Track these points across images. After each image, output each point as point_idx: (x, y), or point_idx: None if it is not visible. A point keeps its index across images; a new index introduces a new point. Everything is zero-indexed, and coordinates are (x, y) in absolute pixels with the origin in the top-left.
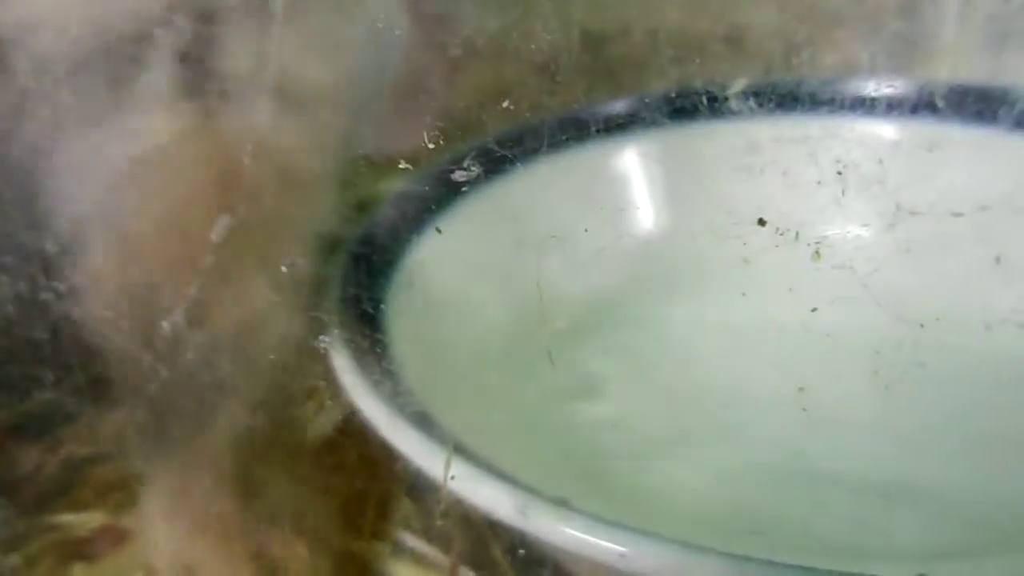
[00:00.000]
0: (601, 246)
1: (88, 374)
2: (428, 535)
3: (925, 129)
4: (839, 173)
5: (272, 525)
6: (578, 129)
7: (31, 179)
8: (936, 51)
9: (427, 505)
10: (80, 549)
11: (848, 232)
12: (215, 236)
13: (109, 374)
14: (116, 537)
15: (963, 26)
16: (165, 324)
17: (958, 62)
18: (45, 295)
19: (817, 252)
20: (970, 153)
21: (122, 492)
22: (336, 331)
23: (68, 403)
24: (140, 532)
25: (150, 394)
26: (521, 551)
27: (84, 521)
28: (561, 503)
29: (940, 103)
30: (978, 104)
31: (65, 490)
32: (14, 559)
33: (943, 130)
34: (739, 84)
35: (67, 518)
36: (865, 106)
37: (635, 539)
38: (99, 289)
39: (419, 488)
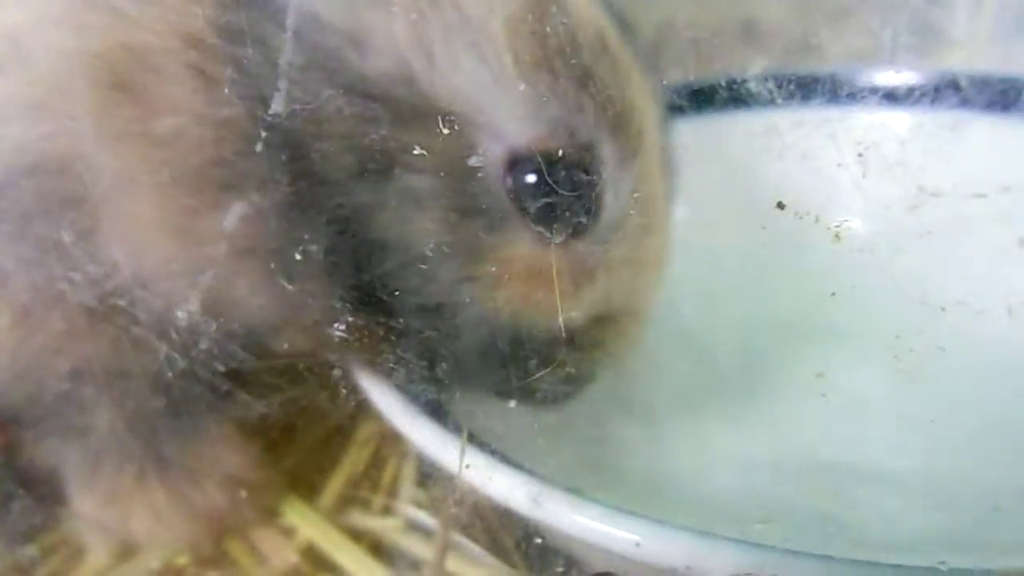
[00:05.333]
0: None
1: None
2: None
3: (947, 112)
4: (860, 156)
5: None
6: None
7: None
8: (949, 40)
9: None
10: None
11: (869, 215)
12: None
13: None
14: None
15: (976, 15)
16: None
17: (971, 52)
18: None
19: (837, 236)
20: (992, 135)
21: None
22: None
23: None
24: None
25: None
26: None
27: None
28: (575, 492)
29: (963, 84)
30: (1001, 87)
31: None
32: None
33: (965, 113)
34: (757, 68)
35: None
36: (887, 91)
37: (650, 528)
38: None
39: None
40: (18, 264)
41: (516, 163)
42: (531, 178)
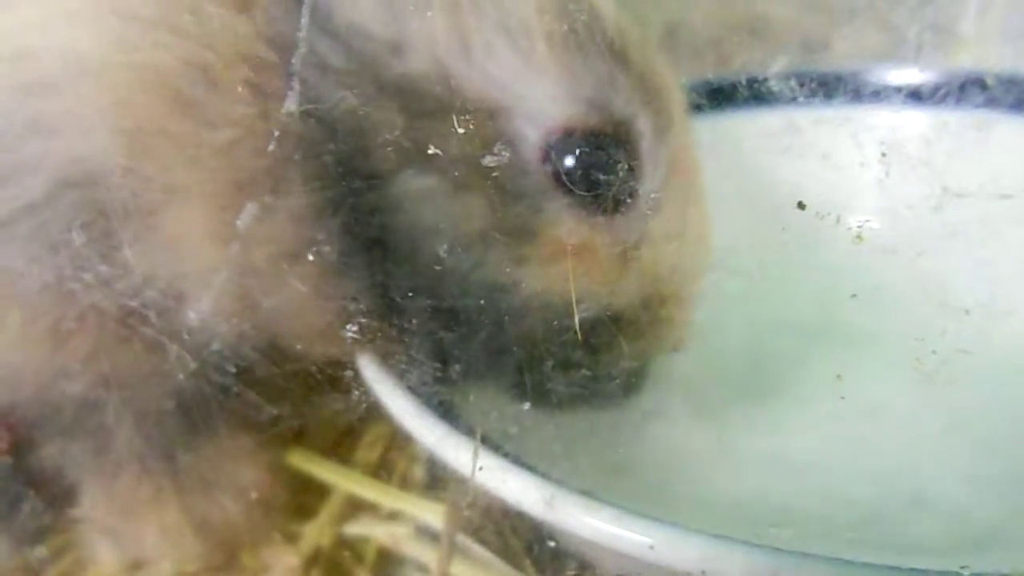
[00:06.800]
0: None
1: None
2: None
3: (973, 111)
4: (883, 155)
5: None
6: None
7: None
8: (958, 41)
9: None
10: None
11: (891, 215)
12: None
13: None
14: None
15: (984, 17)
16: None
17: (981, 50)
18: None
19: (859, 236)
20: (1018, 135)
21: None
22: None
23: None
24: None
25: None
26: (551, 543)
27: None
28: (588, 495)
29: (990, 83)
30: None
31: None
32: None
33: (991, 113)
34: (778, 65)
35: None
36: (911, 90)
37: (664, 531)
38: None
39: None
40: (55, 275)
41: (555, 143)
42: (570, 157)
